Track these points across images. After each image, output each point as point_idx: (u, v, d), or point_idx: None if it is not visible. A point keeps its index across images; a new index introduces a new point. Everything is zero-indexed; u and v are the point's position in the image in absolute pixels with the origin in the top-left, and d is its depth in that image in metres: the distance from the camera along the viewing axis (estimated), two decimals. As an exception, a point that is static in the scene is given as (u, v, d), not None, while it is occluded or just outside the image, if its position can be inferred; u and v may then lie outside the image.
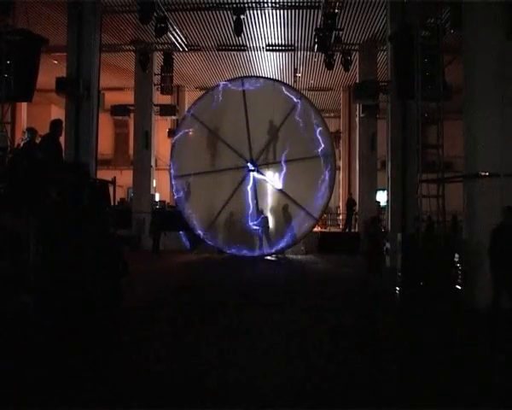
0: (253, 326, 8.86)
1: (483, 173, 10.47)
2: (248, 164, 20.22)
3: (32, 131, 9.98)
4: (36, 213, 7.65)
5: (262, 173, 20.33)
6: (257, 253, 19.96)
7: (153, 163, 24.06)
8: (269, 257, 20.09)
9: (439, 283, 10.70)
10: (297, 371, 6.52)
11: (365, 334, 8.69)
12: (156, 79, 23.89)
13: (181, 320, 9.17)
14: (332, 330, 8.81)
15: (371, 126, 23.12)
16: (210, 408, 5.40)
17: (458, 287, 10.93)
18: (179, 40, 20.94)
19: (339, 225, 29.76)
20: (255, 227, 19.98)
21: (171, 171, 20.84)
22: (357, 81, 22.09)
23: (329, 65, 20.46)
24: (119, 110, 24.26)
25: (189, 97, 28.79)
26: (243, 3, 18.04)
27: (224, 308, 10.25)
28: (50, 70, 18.87)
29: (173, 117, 26.12)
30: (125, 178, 25.64)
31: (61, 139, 10.67)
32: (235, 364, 6.78)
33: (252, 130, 20.18)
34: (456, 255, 11.34)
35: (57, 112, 27.45)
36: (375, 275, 10.67)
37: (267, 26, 20.35)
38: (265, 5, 18.35)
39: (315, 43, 18.93)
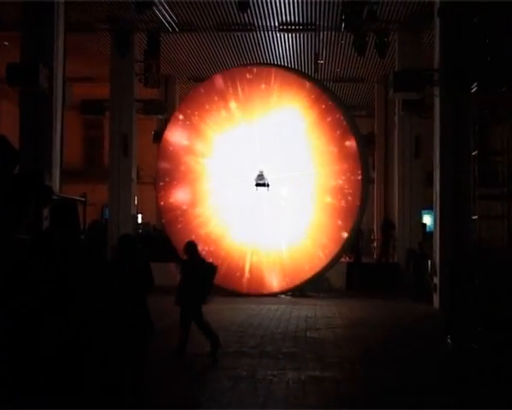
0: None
1: None
2: (255, 177, 20.06)
3: None
4: None
5: (273, 190, 20.10)
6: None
7: (134, 175, 23.95)
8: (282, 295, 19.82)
9: (503, 328, 10.55)
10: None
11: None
12: (138, 67, 23.86)
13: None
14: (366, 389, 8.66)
15: (414, 127, 22.98)
16: None
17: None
18: (167, 18, 20.92)
19: (372, 254, 29.57)
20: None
21: (158, 185, 20.73)
22: (397, 70, 21.96)
23: (360, 49, 20.36)
24: (90, 107, 24.36)
25: (181, 91, 28.84)
26: (249, -30, 18.06)
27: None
28: (0, 54, 18.90)
29: (160, 116, 26.07)
30: (98, 194, 25.57)
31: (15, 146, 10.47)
32: None
33: (259, 136, 20.11)
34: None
35: (9, 109, 27.44)
36: None
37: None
38: (278, -28, 18.37)
39: (342, 20, 18.87)
